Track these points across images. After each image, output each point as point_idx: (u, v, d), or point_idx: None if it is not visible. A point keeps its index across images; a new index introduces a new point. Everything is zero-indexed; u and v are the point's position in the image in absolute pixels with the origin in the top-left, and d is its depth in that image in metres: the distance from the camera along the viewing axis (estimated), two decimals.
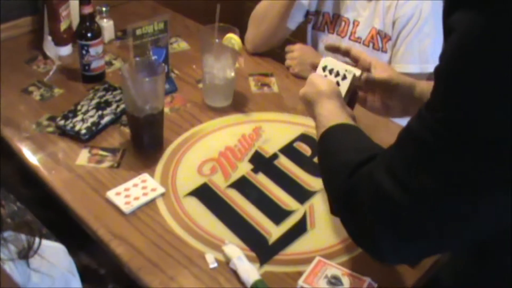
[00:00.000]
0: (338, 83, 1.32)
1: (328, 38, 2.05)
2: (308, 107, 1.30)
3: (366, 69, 1.36)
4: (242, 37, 1.82)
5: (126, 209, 1.36)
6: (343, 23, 2.00)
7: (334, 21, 2.02)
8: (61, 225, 1.43)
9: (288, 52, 2.03)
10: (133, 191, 1.41)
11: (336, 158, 1.07)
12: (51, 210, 1.46)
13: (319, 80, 1.30)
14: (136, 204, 1.38)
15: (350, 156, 1.02)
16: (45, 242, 1.03)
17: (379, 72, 1.35)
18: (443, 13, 0.83)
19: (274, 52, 2.11)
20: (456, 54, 0.76)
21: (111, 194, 1.40)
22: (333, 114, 1.21)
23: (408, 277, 1.26)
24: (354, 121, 1.21)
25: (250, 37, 2.08)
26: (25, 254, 0.98)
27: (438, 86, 0.81)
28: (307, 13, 2.09)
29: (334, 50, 1.44)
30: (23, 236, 1.00)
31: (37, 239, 1.01)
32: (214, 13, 1.70)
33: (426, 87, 1.31)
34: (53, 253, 1.06)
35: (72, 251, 1.17)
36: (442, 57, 0.80)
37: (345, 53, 1.41)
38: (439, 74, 0.81)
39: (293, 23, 2.08)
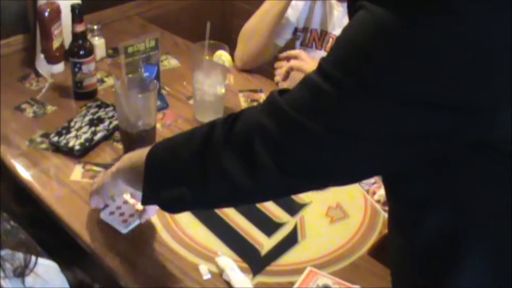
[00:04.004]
0: None
1: (316, 54, 2.08)
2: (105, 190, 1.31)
3: None
4: (232, 54, 1.85)
5: (123, 228, 1.37)
6: (330, 40, 2.03)
7: (322, 37, 2.06)
8: (55, 242, 1.44)
9: (277, 68, 2.07)
10: (125, 209, 1.42)
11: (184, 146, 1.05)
12: (45, 227, 1.47)
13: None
14: (134, 223, 1.39)
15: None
16: (39, 260, 1.04)
17: None
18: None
19: (263, 69, 2.14)
20: (362, 28, 0.79)
21: (105, 215, 1.41)
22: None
23: None
24: None
25: (240, 54, 2.11)
26: (20, 272, 0.99)
27: (338, 47, 0.84)
28: (295, 30, 2.13)
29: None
30: (19, 255, 1.01)
31: (33, 258, 1.02)
32: (203, 30, 1.73)
33: None
34: (47, 271, 1.07)
35: (67, 267, 1.18)
36: (347, 27, 0.83)
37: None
38: (341, 38, 0.84)
39: (281, 40, 2.12)
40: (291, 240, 1.40)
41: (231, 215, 1.45)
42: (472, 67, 0.72)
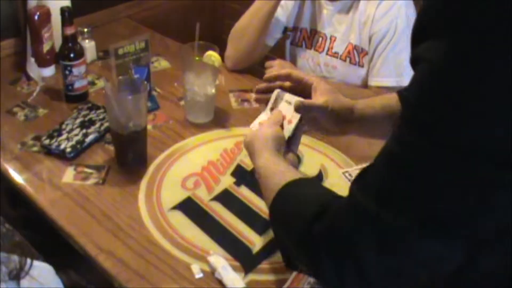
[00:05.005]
0: (282, 126, 1.29)
1: (306, 54, 2.10)
2: (250, 156, 1.26)
3: (307, 90, 1.33)
4: (222, 54, 1.86)
5: None
6: (320, 39, 2.04)
7: (312, 36, 2.07)
8: (49, 245, 1.44)
9: (267, 68, 2.07)
10: None
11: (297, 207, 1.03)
12: (39, 230, 1.48)
13: (261, 127, 1.28)
14: None
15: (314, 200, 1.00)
16: (34, 263, 1.05)
17: (317, 96, 1.31)
18: (411, 43, 0.82)
19: (253, 69, 2.15)
20: (428, 83, 0.76)
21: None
22: (271, 163, 1.16)
23: None
24: (295, 166, 1.20)
25: (230, 54, 2.12)
26: (16, 275, 1.00)
27: (412, 113, 0.80)
28: (285, 29, 2.14)
29: (274, 79, 1.38)
30: (15, 257, 1.02)
31: (28, 260, 1.03)
32: (193, 32, 1.74)
33: (363, 107, 1.32)
34: (42, 274, 1.07)
35: (61, 269, 1.19)
36: (412, 87, 0.79)
37: (287, 78, 1.36)
38: (409, 102, 0.80)
39: (271, 40, 2.12)
40: None
41: (223, 214, 1.46)
42: None
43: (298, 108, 1.28)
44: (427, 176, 0.78)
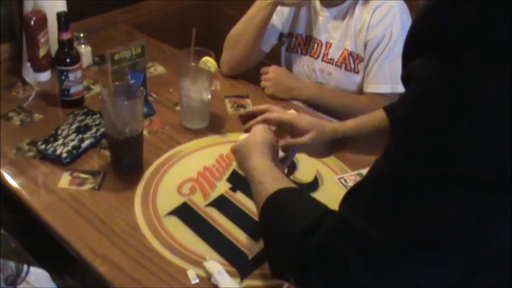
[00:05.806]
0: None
1: (301, 60, 2.10)
2: (240, 159, 1.28)
3: (289, 128, 1.35)
4: (217, 60, 1.86)
5: None
6: (316, 45, 2.05)
7: (307, 43, 2.08)
8: (44, 250, 1.44)
9: (263, 74, 2.08)
10: None
11: (288, 222, 1.02)
12: (34, 235, 1.48)
13: (255, 132, 1.29)
14: None
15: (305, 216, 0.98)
16: (30, 269, 1.05)
17: (298, 134, 1.33)
18: (402, 58, 0.82)
19: (249, 74, 2.15)
20: (420, 104, 0.75)
21: None
22: (265, 167, 1.19)
23: None
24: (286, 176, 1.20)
25: (226, 60, 2.13)
26: (12, 281, 1.00)
27: (402, 134, 0.79)
28: (281, 36, 2.15)
29: (250, 117, 1.39)
30: (11, 263, 1.01)
31: (25, 266, 1.03)
32: (189, 37, 1.74)
33: (346, 131, 1.34)
34: (38, 280, 1.07)
35: (57, 274, 1.19)
36: (404, 106, 0.79)
37: (265, 121, 1.35)
38: (400, 123, 0.80)
39: (267, 46, 2.13)
40: None
41: (219, 220, 1.47)
42: None
43: (285, 150, 1.32)
44: (415, 198, 0.77)
